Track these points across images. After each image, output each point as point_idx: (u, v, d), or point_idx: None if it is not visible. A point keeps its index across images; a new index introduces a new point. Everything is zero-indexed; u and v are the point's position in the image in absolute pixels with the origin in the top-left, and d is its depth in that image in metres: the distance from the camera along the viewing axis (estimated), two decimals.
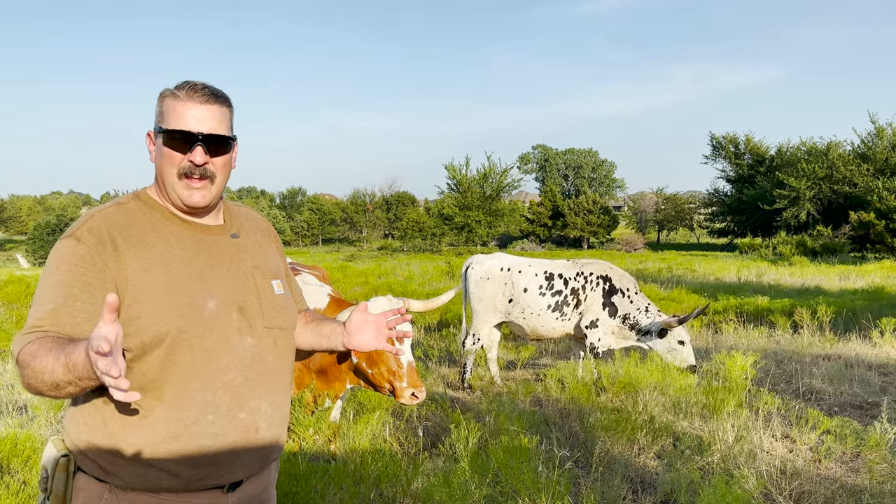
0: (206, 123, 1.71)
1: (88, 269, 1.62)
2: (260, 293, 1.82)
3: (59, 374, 1.45)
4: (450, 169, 54.34)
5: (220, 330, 1.70)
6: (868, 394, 6.27)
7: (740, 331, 9.45)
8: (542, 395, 6.15)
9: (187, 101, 1.71)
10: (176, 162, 1.71)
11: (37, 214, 70.61)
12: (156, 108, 1.76)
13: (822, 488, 4.01)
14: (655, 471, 4.42)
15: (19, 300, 12.97)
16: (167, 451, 1.63)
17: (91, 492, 1.66)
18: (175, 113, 1.70)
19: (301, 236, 64.26)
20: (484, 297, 6.92)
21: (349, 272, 19.39)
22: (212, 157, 1.73)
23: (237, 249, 1.83)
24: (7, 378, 7.24)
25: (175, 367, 1.64)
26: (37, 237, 47.29)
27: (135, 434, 1.63)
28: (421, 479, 3.81)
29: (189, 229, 1.77)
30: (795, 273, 19.23)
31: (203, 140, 1.70)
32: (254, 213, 2.03)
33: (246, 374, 1.74)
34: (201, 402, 1.66)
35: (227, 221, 1.87)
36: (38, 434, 4.88)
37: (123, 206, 1.75)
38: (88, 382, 1.45)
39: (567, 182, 72.23)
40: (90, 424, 1.66)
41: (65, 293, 1.59)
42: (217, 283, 1.74)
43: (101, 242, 1.64)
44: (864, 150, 41.55)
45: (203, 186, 1.73)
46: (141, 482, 1.64)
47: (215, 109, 1.73)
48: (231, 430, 1.70)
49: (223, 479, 1.72)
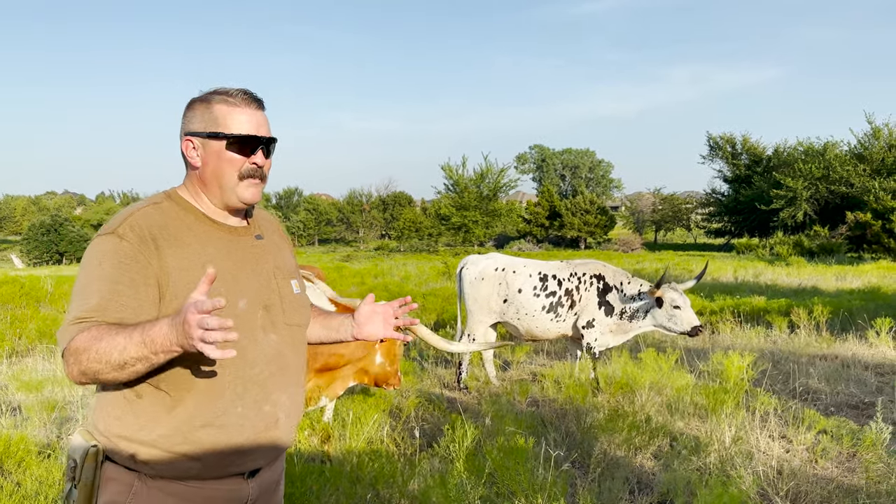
0: (264, 128, 1.85)
1: (132, 266, 1.68)
2: (281, 292, 1.92)
3: (131, 351, 1.53)
4: (446, 169, 54.36)
5: (248, 327, 1.79)
6: (864, 394, 6.28)
7: (737, 331, 9.46)
8: (538, 396, 6.15)
9: (245, 108, 1.82)
10: (238, 165, 1.82)
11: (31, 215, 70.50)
12: (195, 113, 1.82)
13: (818, 488, 4.01)
14: (652, 471, 4.41)
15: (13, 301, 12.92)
16: (197, 440, 1.72)
17: (121, 481, 1.72)
18: (235, 119, 1.81)
19: (297, 236, 64.17)
20: (479, 298, 6.91)
21: (345, 272, 19.39)
22: (266, 159, 1.87)
23: (261, 251, 1.92)
24: (1, 379, 7.21)
25: (207, 360, 1.70)
26: (31, 237, 47.23)
27: (166, 424, 1.71)
28: (417, 480, 3.80)
29: (219, 230, 1.85)
30: (792, 273, 19.27)
31: (265, 143, 1.84)
32: (268, 215, 2.12)
33: (270, 368, 1.84)
34: (231, 395, 1.76)
35: (251, 223, 1.96)
36: (31, 435, 4.85)
37: (159, 206, 1.81)
38: (163, 356, 1.54)
39: (564, 182, 72.32)
40: (120, 417, 1.73)
41: (110, 288, 1.65)
42: (247, 282, 1.83)
43: (143, 240, 1.70)
44: (861, 150, 41.63)
45: (259, 185, 1.86)
46: (171, 470, 1.72)
47: (265, 115, 1.88)
48: (257, 421, 1.81)
49: (245, 467, 1.82)
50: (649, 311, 6.43)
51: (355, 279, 17.37)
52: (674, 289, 6.31)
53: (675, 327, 6.27)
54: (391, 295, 13.45)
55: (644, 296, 6.45)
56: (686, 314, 6.24)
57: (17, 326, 10.18)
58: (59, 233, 47.10)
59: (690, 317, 6.25)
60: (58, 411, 5.69)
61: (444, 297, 12.81)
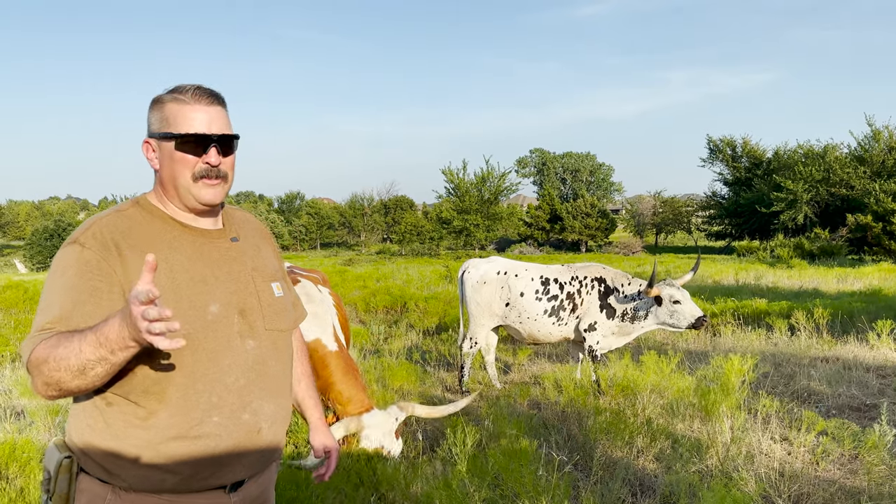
0: (216, 125, 1.75)
1: (95, 275, 1.63)
2: (260, 296, 1.84)
3: (87, 353, 1.45)
4: (447, 173, 54.33)
5: (222, 333, 1.72)
6: (866, 396, 6.28)
7: (738, 333, 9.46)
8: (540, 398, 6.15)
9: (195, 105, 1.73)
10: (191, 165, 1.74)
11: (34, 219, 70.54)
12: (153, 115, 1.76)
13: (820, 490, 4.02)
14: (654, 473, 4.42)
15: (17, 305, 12.96)
16: (170, 452, 1.65)
17: (94, 493, 1.68)
18: (185, 117, 1.72)
19: (299, 240, 64.22)
20: (481, 301, 6.92)
21: (347, 276, 19.38)
22: (223, 157, 1.78)
23: (237, 253, 1.85)
24: (5, 384, 7.23)
25: (179, 369, 1.66)
26: (34, 242, 47.27)
27: (138, 435, 1.65)
28: (420, 482, 3.81)
29: (190, 234, 1.79)
30: (793, 275, 19.25)
31: (217, 141, 1.74)
32: (250, 216, 2.05)
33: (248, 375, 1.76)
34: (206, 404, 1.69)
35: (226, 225, 1.89)
36: (35, 439, 4.87)
37: (124, 213, 1.76)
38: (121, 354, 1.46)
39: (565, 186, 72.26)
40: (93, 426, 1.67)
41: (73, 298, 1.60)
42: (219, 286, 1.76)
43: (105, 248, 1.66)
44: (861, 152, 41.62)
45: (217, 185, 1.77)
46: (144, 483, 1.66)
47: (220, 110, 1.78)
48: (234, 430, 1.73)
49: (225, 480, 1.74)
50: (651, 311, 6.44)
51: (357, 283, 17.37)
52: (670, 284, 6.31)
53: (679, 322, 6.26)
54: (393, 299, 13.45)
55: (643, 296, 6.46)
56: (687, 307, 6.23)
57: (20, 331, 10.21)
58: (63, 238, 47.12)
59: (692, 309, 6.23)
60: (61, 416, 5.70)
61: (446, 300, 12.82)
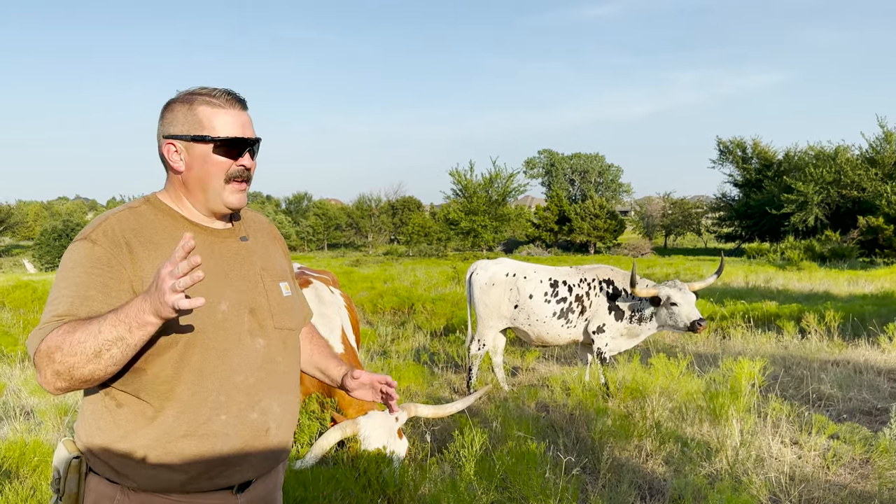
0: (249, 129, 1.79)
1: (105, 271, 1.63)
2: (269, 295, 1.85)
3: (105, 333, 1.46)
4: (454, 174, 54.31)
5: (232, 331, 1.72)
6: (877, 399, 6.23)
7: (748, 336, 9.41)
8: (548, 401, 6.14)
9: (230, 109, 1.76)
10: (225, 168, 1.76)
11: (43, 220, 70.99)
12: (178, 116, 1.75)
13: (830, 494, 3.98)
14: (663, 476, 4.40)
15: (26, 305, 13.06)
16: (179, 450, 1.65)
17: (102, 493, 1.68)
18: (221, 121, 1.74)
19: (306, 241, 64.33)
20: (489, 303, 6.91)
21: (355, 277, 19.39)
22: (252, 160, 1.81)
23: (247, 252, 1.86)
24: (14, 383, 7.27)
25: (188, 367, 1.65)
26: (43, 242, 47.57)
27: (147, 434, 1.65)
28: (428, 484, 3.80)
29: (201, 232, 1.79)
30: (804, 278, 19.12)
31: (252, 145, 1.78)
32: (259, 216, 2.06)
33: (257, 374, 1.76)
34: (214, 403, 1.68)
35: (235, 225, 1.89)
36: (45, 440, 4.89)
37: (135, 210, 1.76)
38: (138, 333, 1.46)
39: (573, 187, 72.06)
40: (101, 427, 1.68)
41: (81, 294, 1.60)
42: (229, 285, 1.76)
43: (116, 245, 1.66)
44: (873, 154, 41.27)
45: (245, 189, 1.81)
46: (152, 483, 1.65)
47: (248, 115, 1.82)
48: (242, 430, 1.73)
49: (233, 480, 1.73)
50: (655, 313, 6.41)
51: (365, 284, 17.39)
52: (671, 285, 6.26)
53: (677, 325, 6.23)
54: (400, 300, 13.45)
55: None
56: (683, 310, 6.17)
57: (29, 331, 10.25)
58: (71, 238, 47.33)
59: (689, 312, 6.17)
60: (70, 415, 5.73)
61: (454, 301, 12.82)
